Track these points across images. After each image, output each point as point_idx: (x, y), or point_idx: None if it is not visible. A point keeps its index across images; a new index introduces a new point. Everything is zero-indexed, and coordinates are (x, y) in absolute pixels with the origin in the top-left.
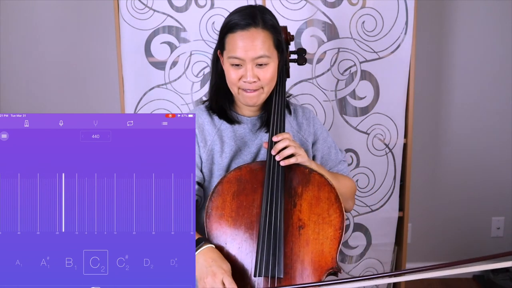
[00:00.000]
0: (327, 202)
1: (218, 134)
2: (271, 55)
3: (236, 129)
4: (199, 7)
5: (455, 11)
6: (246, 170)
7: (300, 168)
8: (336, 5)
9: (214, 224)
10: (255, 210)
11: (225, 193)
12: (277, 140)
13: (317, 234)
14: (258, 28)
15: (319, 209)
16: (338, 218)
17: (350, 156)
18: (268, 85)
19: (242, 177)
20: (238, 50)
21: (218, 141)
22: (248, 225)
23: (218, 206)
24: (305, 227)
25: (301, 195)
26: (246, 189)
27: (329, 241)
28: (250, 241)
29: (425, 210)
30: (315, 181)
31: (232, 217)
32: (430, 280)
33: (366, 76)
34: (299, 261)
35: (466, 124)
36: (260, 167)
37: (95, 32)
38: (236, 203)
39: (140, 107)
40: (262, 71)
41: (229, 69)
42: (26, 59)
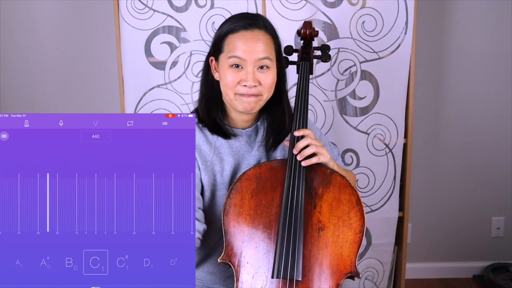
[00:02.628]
0: (348, 204)
1: (215, 153)
2: (273, 59)
3: (232, 144)
4: (199, 7)
5: (455, 11)
6: (266, 167)
7: (321, 168)
8: (336, 5)
9: (231, 222)
10: (274, 209)
11: (244, 190)
12: (299, 136)
13: (337, 237)
14: (262, 30)
15: (339, 212)
16: (358, 221)
17: (350, 156)
18: (268, 91)
19: (262, 174)
20: (240, 49)
21: (217, 160)
22: (267, 224)
23: (237, 204)
24: (325, 229)
25: (321, 196)
26: (266, 187)
27: (349, 244)
28: (268, 241)
29: (425, 210)
30: (336, 183)
31: (250, 215)
32: (430, 280)
33: (366, 76)
34: (318, 263)
35: (466, 124)
36: (281, 165)
37: (95, 32)
38: (254, 201)
39: (140, 107)
40: (264, 75)
41: (226, 72)
42: (26, 59)
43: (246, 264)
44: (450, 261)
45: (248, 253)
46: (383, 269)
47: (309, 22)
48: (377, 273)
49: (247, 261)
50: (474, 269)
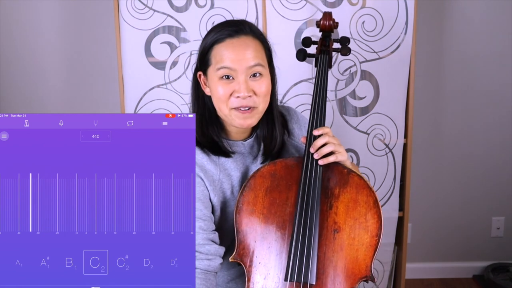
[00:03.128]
0: (365, 206)
1: (221, 170)
2: (265, 66)
3: (236, 158)
4: (199, 7)
5: (455, 11)
6: (281, 165)
7: (338, 168)
8: (336, 5)
9: (244, 220)
10: (289, 209)
11: (258, 188)
12: (318, 134)
13: (353, 240)
14: (249, 36)
15: (356, 213)
16: (375, 224)
17: (350, 156)
18: (263, 101)
19: (277, 172)
20: (228, 59)
21: (225, 178)
22: (280, 224)
23: (250, 201)
24: (341, 231)
25: (338, 196)
26: (280, 186)
27: (365, 247)
28: (281, 241)
29: (425, 210)
30: (353, 183)
31: (263, 214)
32: (430, 280)
33: (366, 76)
34: (332, 266)
35: (466, 124)
36: (296, 163)
37: (95, 32)
38: (268, 199)
39: (140, 107)
40: (257, 83)
41: (217, 85)
42: (26, 59)
43: (258, 264)
44: (450, 261)
45: (261, 253)
46: (383, 269)
47: (329, 13)
48: (377, 273)
49: (259, 261)
50: (474, 269)
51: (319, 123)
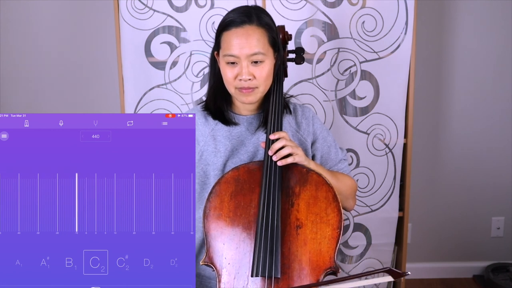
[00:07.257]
0: (325, 201)
1: (211, 134)
2: (266, 53)
3: (231, 129)
4: (199, 7)
5: (455, 11)
6: (244, 170)
7: (297, 168)
8: (336, 5)
9: (212, 225)
10: (253, 210)
11: (223, 193)
12: (274, 139)
13: (315, 234)
14: (253, 25)
15: (316, 209)
16: (336, 217)
17: (350, 156)
18: (264, 83)
19: (240, 177)
20: (232, 47)
21: (212, 141)
22: (246, 225)
23: (216, 206)
24: (303, 226)
25: (298, 194)
26: (244, 189)
27: (327, 240)
28: (248, 241)
29: (425, 210)
30: (312, 181)
31: (230, 217)
32: (430, 280)
33: (366, 76)
34: (297, 261)
35: (466, 124)
36: (258, 167)
37: (95, 32)
38: (234, 203)
39: (140, 107)
40: (258, 69)
41: (225, 68)
42: (26, 59)
43: (228, 265)
44: (450, 261)
45: (229, 254)
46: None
47: (282, 27)
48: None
49: (228, 262)
50: (474, 269)
51: (276, 128)
